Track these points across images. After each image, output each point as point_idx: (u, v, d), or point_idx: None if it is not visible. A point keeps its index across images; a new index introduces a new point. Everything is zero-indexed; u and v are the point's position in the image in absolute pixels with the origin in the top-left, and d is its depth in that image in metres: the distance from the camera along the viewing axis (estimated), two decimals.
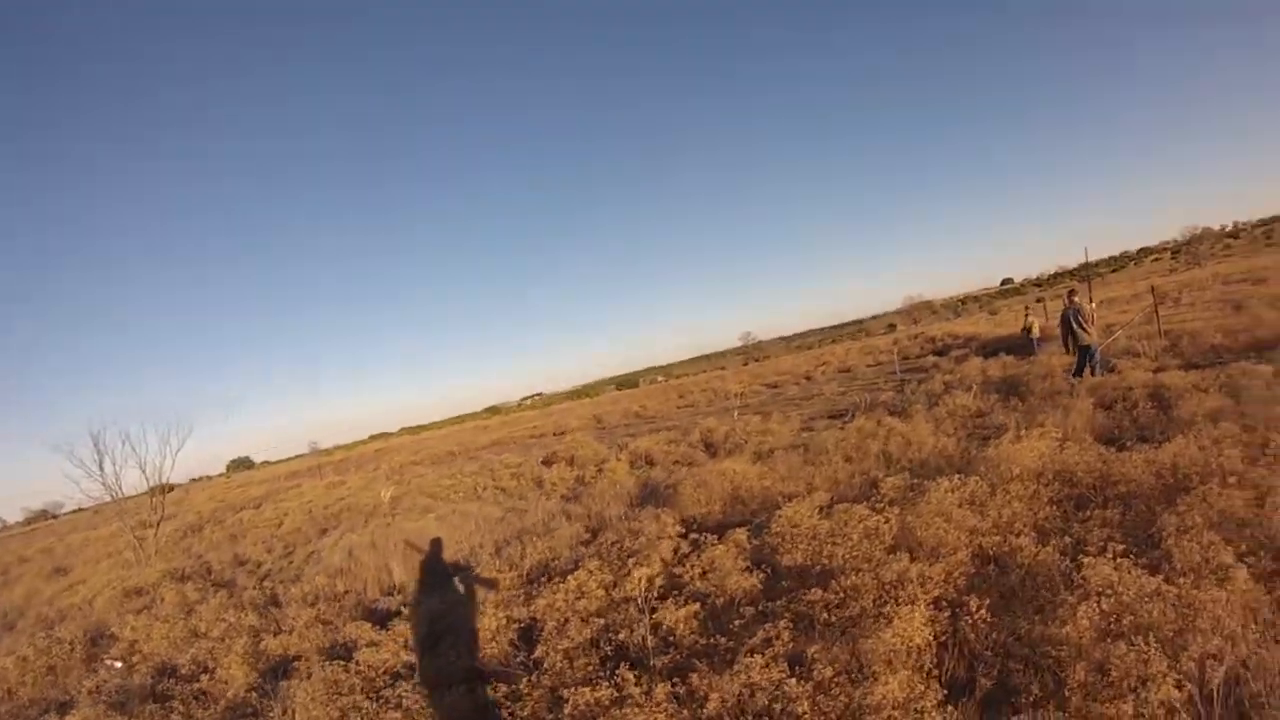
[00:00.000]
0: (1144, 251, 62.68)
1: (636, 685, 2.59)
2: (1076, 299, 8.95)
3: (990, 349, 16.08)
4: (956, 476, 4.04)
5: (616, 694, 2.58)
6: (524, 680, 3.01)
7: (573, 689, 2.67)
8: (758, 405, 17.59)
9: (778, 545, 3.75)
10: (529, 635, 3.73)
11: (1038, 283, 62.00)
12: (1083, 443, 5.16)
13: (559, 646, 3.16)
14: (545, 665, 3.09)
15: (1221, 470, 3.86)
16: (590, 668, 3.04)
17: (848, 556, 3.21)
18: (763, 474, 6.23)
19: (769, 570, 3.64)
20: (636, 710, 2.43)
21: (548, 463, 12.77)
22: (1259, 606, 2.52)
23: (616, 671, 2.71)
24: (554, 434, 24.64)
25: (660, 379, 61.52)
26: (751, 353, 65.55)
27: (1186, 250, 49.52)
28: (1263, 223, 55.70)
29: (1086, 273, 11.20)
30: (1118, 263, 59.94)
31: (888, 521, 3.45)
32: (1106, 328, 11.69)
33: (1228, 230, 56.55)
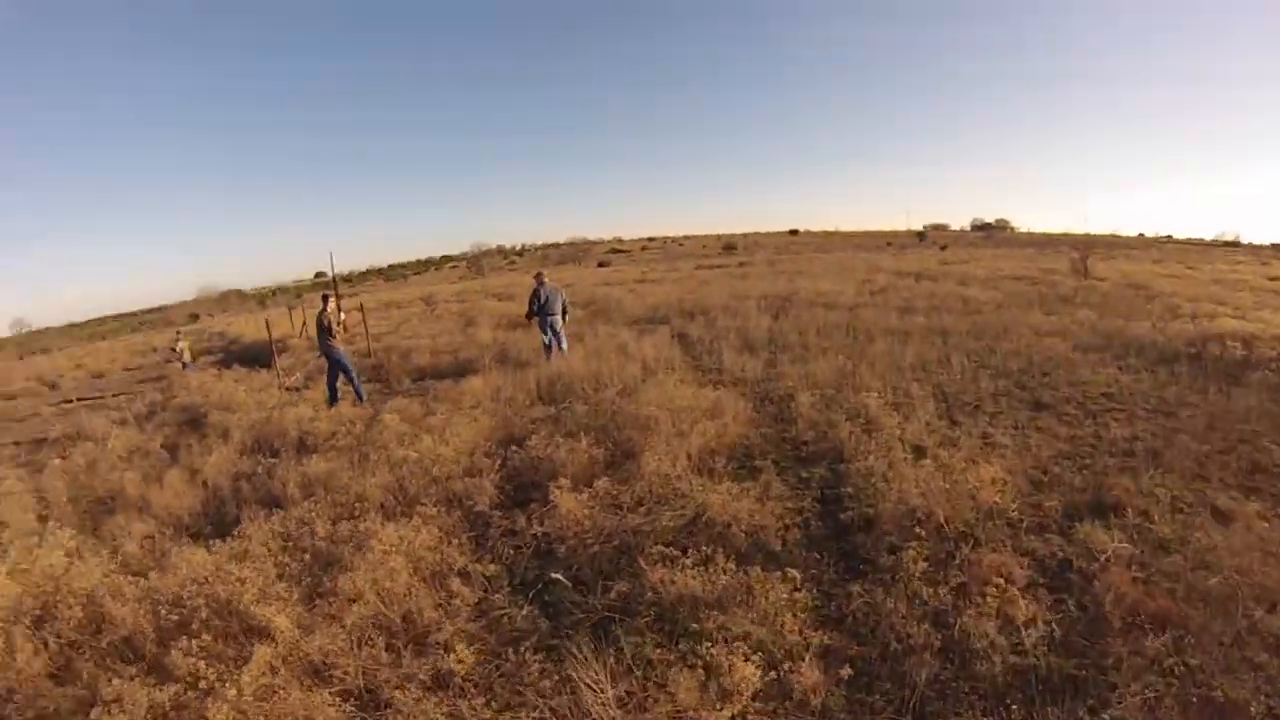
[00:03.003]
0: (445, 259, 74.33)
1: None
2: (330, 304, 7.91)
3: (245, 356, 13.80)
4: None
5: None
6: None
7: None
8: None
9: None
10: None
11: (348, 279, 60.94)
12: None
13: None
14: None
15: None
16: None
17: None
18: None
19: None
20: None
21: None
22: None
23: None
24: None
25: None
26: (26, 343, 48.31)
27: (471, 262, 58.90)
28: (545, 246, 72.28)
29: (334, 279, 11.02)
30: (422, 266, 68.32)
31: None
32: (354, 338, 11.11)
33: (515, 249, 71.45)
